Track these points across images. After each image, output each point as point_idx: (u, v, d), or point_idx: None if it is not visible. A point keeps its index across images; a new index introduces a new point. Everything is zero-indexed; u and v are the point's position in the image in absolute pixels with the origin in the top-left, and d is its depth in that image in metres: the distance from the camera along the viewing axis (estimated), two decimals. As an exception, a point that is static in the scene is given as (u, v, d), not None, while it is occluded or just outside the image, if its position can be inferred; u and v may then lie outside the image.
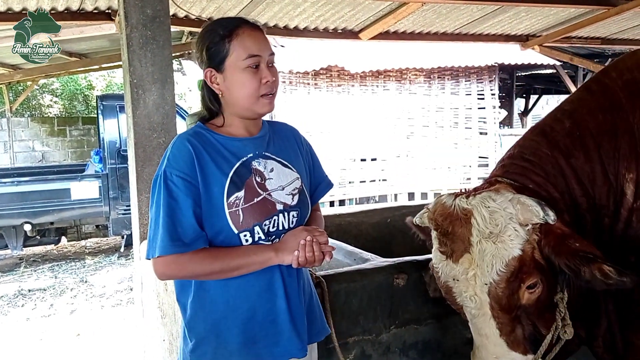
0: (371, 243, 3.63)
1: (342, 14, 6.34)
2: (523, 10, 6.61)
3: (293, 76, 10.15)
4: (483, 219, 1.72)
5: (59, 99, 16.34)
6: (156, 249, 1.63)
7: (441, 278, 1.84)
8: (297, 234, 1.73)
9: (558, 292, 1.80)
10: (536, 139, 2.02)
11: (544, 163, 1.93)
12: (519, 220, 1.71)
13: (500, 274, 1.68)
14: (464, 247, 1.74)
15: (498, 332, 1.75)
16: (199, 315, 1.74)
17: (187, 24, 6.17)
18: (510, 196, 1.75)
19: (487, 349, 1.78)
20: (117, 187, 8.44)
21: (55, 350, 5.15)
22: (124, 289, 7.04)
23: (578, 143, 1.94)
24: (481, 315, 1.76)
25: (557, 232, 1.72)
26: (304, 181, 1.87)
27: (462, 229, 1.75)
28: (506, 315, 1.74)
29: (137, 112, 3.27)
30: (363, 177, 11.05)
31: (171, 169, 1.66)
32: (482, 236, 1.71)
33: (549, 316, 1.80)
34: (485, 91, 11.84)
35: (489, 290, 1.71)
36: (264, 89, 1.72)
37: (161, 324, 2.91)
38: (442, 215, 1.82)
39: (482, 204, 1.74)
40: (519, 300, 1.73)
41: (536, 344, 1.79)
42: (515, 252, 1.69)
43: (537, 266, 1.72)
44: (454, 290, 1.81)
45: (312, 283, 2.01)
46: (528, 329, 1.79)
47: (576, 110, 2.05)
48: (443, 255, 1.81)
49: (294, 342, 1.77)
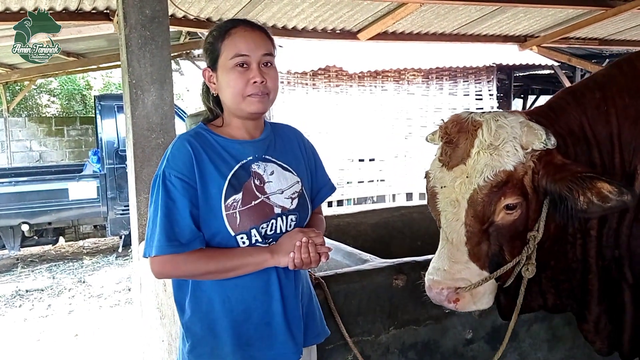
0: (370, 244, 3.64)
1: (341, 15, 6.34)
2: (521, 11, 6.63)
3: (291, 76, 10.15)
4: (489, 131, 1.79)
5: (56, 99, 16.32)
6: (153, 248, 1.64)
7: (430, 183, 1.92)
8: (293, 236, 1.73)
9: (534, 230, 1.84)
10: (566, 98, 2.04)
11: (570, 121, 1.96)
12: (522, 142, 1.79)
13: (487, 180, 1.75)
14: (462, 158, 1.81)
15: (465, 239, 1.81)
16: (196, 316, 1.75)
17: (185, 24, 6.17)
18: (521, 119, 1.83)
19: (450, 252, 1.84)
20: (115, 187, 8.43)
21: (53, 351, 5.14)
22: (122, 289, 7.03)
23: (603, 118, 1.96)
24: (454, 220, 1.82)
25: (558, 162, 1.78)
26: (305, 185, 1.87)
27: (467, 141, 1.82)
28: (477, 225, 1.80)
29: (135, 113, 3.26)
30: (361, 178, 11.05)
31: (170, 169, 1.67)
32: (482, 147, 1.79)
33: (517, 245, 1.85)
34: (483, 92, 11.86)
35: (470, 196, 1.78)
36: (251, 89, 1.71)
37: (160, 324, 2.91)
38: (454, 124, 1.89)
39: (493, 119, 1.82)
40: (494, 215, 1.79)
41: (496, 267, 1.85)
42: (507, 167, 1.76)
43: (522, 190, 1.79)
44: (438, 196, 1.88)
45: (312, 285, 2.01)
46: (494, 248, 1.84)
47: (607, 86, 2.04)
48: (440, 163, 1.89)
49: (289, 345, 1.77)
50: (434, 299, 1.86)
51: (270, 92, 1.76)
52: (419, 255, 2.62)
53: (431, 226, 3.93)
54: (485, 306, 1.89)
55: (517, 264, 1.85)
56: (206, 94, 1.83)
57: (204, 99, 1.84)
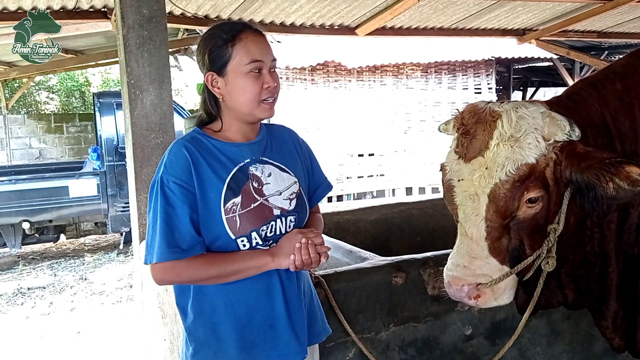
0: (370, 240, 3.65)
1: (339, 10, 6.33)
2: (519, 4, 6.62)
3: (290, 72, 10.14)
4: (509, 122, 1.73)
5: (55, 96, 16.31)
6: (154, 255, 1.64)
7: (447, 176, 1.85)
8: (292, 237, 1.73)
9: (554, 222, 1.80)
10: (586, 89, 1.99)
11: (590, 112, 1.91)
12: (544, 133, 1.73)
13: (509, 175, 1.69)
14: (480, 150, 1.75)
15: (485, 234, 1.76)
16: (199, 320, 1.76)
17: (183, 22, 6.16)
18: (542, 109, 1.77)
19: (469, 248, 1.79)
20: (115, 184, 8.44)
21: (55, 349, 5.16)
22: (124, 286, 7.05)
23: (626, 109, 1.92)
24: (474, 215, 1.77)
25: (581, 151, 1.73)
26: (302, 185, 1.87)
27: (485, 132, 1.76)
28: (499, 220, 1.75)
29: (134, 113, 3.27)
30: (361, 173, 11.05)
31: (168, 175, 1.66)
32: (502, 139, 1.72)
33: (538, 239, 1.81)
34: (482, 85, 11.85)
35: (491, 190, 1.72)
36: (265, 94, 1.73)
37: (162, 323, 2.93)
38: (471, 115, 1.83)
39: (513, 109, 1.76)
40: (517, 210, 1.74)
41: (517, 261, 1.80)
42: (530, 159, 1.70)
43: (544, 183, 1.73)
44: (455, 189, 1.81)
45: (312, 284, 2.03)
46: (514, 243, 1.79)
47: (628, 76, 2.00)
48: (456, 155, 1.82)
49: (292, 345, 1.78)
50: (453, 296, 1.82)
51: (277, 97, 1.79)
52: (418, 251, 2.64)
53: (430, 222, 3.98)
54: (506, 301, 1.85)
55: (537, 257, 1.81)
56: (208, 98, 1.80)
57: (204, 103, 1.82)
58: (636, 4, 6.33)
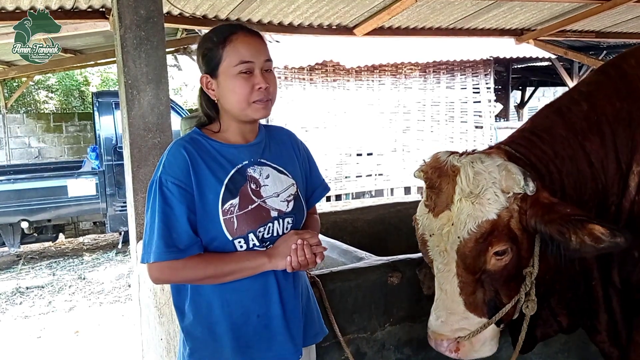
0: (367, 240, 3.65)
1: (337, 10, 6.34)
2: (517, 4, 6.62)
3: (288, 71, 10.15)
4: (467, 178, 1.74)
5: (54, 95, 16.30)
6: (151, 255, 1.65)
7: (419, 230, 1.89)
8: (289, 239, 1.74)
9: (529, 266, 1.81)
10: (552, 117, 2.01)
11: (555, 142, 1.92)
12: (502, 186, 1.73)
13: (470, 233, 1.71)
14: (446, 204, 1.77)
15: (458, 290, 1.79)
16: (196, 320, 1.76)
17: (181, 22, 6.16)
18: (499, 162, 1.77)
19: (445, 304, 1.82)
20: (114, 184, 8.44)
21: (53, 348, 5.17)
22: (122, 285, 7.06)
23: (595, 128, 1.93)
24: (446, 271, 1.80)
25: (545, 202, 1.73)
26: (300, 187, 1.88)
27: (448, 185, 1.78)
28: (469, 276, 1.77)
29: (132, 113, 3.28)
30: (359, 172, 11.07)
31: (166, 175, 1.67)
32: (463, 195, 1.74)
33: (513, 286, 1.82)
34: (481, 85, 11.88)
35: (458, 247, 1.74)
36: (256, 96, 1.72)
37: (159, 323, 2.94)
38: (434, 169, 1.86)
39: (470, 164, 1.77)
40: (485, 264, 1.76)
41: (495, 311, 1.82)
42: (490, 216, 1.71)
43: (509, 235, 1.74)
44: (428, 244, 1.85)
45: (309, 284, 2.03)
46: (490, 294, 1.81)
47: (593, 94, 2.02)
48: (426, 208, 1.85)
49: (287, 346, 1.79)
50: (436, 349, 1.85)
51: (272, 97, 1.77)
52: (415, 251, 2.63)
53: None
54: (488, 353, 1.87)
55: (517, 302, 1.83)
56: (205, 100, 1.81)
57: (201, 105, 1.82)
58: (634, 4, 6.33)
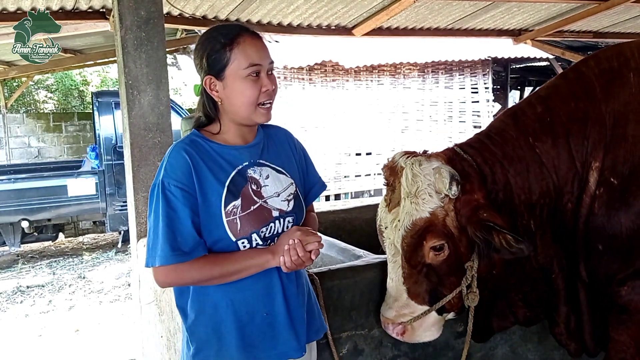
0: (365, 239, 3.66)
1: (335, 11, 6.37)
2: (515, 5, 6.66)
3: (287, 71, 10.17)
4: (406, 180, 1.91)
5: (54, 95, 16.31)
6: (156, 259, 1.65)
7: (378, 222, 2.07)
8: (291, 234, 1.74)
9: (470, 260, 1.95)
10: (506, 120, 2.12)
11: (505, 144, 2.02)
12: (436, 187, 1.88)
13: (406, 229, 1.89)
14: (398, 202, 1.94)
15: (402, 279, 1.97)
16: (200, 320, 1.77)
17: (181, 22, 6.19)
18: (435, 165, 1.92)
19: (392, 291, 2.02)
20: (113, 183, 8.46)
21: (54, 346, 5.20)
22: (122, 284, 7.09)
23: (547, 128, 2.01)
24: (393, 262, 2.00)
25: (473, 204, 1.88)
26: (298, 185, 1.90)
27: (400, 186, 1.95)
28: (411, 267, 1.95)
29: (132, 113, 3.31)
30: (358, 172, 11.10)
31: (169, 179, 1.67)
32: (405, 194, 1.90)
33: (453, 280, 1.98)
34: (479, 85, 11.91)
35: (400, 242, 1.92)
36: (263, 97, 1.74)
37: (159, 320, 2.97)
38: (389, 169, 2.04)
39: (411, 166, 1.93)
40: (424, 258, 1.92)
41: (438, 300, 2.00)
42: (423, 214, 1.88)
43: (445, 231, 1.90)
44: (383, 235, 2.04)
45: (309, 282, 2.06)
46: (431, 285, 1.98)
47: (550, 96, 2.10)
48: (384, 203, 2.03)
49: (292, 344, 1.80)
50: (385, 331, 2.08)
51: (273, 100, 1.80)
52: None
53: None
54: (430, 337, 2.10)
55: (461, 293, 1.98)
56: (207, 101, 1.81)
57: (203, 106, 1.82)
58: (632, 4, 6.37)
